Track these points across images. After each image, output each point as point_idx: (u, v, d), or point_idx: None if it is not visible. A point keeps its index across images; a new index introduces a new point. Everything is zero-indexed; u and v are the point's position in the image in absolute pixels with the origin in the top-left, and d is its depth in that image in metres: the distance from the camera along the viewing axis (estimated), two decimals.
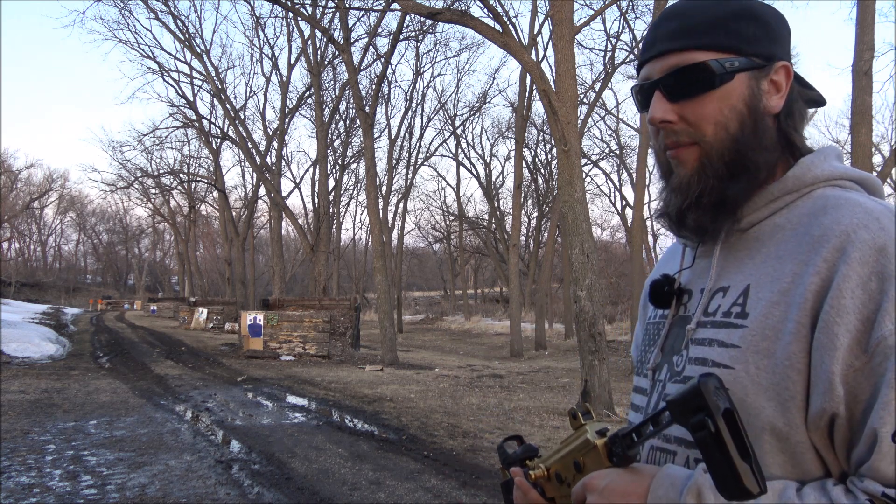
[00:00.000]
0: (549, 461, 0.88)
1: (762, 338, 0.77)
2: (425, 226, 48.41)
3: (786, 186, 0.84)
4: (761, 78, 0.85)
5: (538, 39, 22.46)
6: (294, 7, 17.92)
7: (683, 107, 0.84)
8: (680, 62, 0.84)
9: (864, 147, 10.36)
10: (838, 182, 0.85)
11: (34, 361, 14.47)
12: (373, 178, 18.16)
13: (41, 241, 72.05)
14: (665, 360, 0.90)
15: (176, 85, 42.35)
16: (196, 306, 31.80)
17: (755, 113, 0.84)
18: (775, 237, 0.83)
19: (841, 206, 0.78)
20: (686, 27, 0.85)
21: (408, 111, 33.98)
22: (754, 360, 0.76)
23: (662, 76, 0.86)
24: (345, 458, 6.21)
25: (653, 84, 0.87)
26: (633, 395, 0.98)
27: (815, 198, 0.83)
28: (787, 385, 0.74)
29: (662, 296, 0.94)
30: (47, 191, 63.44)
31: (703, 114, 0.84)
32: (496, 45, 10.19)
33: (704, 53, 0.84)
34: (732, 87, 0.84)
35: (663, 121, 0.85)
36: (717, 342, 0.81)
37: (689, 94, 0.84)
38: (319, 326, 17.03)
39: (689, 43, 0.85)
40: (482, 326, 37.28)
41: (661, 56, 0.86)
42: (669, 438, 0.85)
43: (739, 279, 0.83)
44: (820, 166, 0.85)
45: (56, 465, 5.79)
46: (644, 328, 1.03)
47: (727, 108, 0.83)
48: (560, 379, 14.15)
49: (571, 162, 9.16)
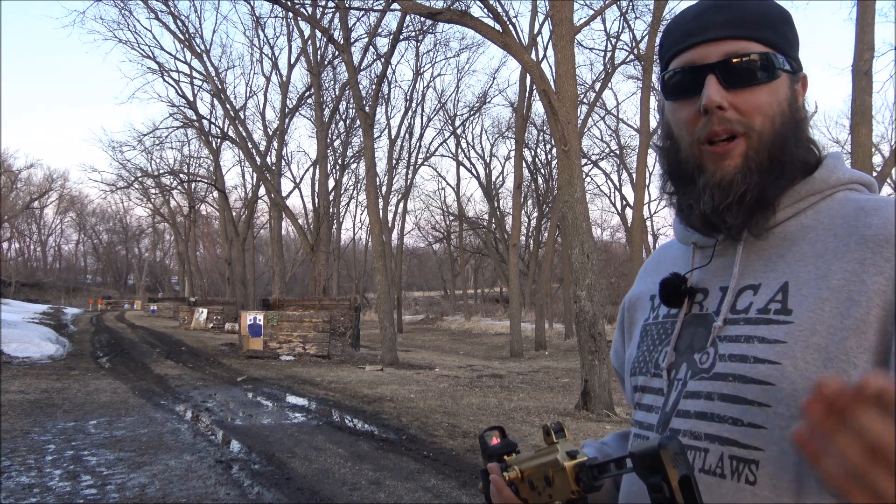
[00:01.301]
0: (523, 464, 0.90)
1: (812, 332, 0.77)
2: (425, 226, 48.46)
3: (812, 188, 0.86)
4: (795, 82, 0.88)
5: (538, 39, 22.48)
6: (294, 7, 17.92)
7: (737, 96, 0.84)
8: (740, 49, 0.84)
9: (864, 147, 10.36)
10: (854, 186, 0.88)
11: (34, 361, 14.47)
12: (373, 178, 18.16)
13: (41, 241, 72.11)
14: (683, 359, 0.90)
15: (176, 85, 42.41)
16: (196, 306, 31.80)
17: (795, 113, 0.87)
18: (808, 237, 0.84)
19: (884, 208, 0.80)
20: (743, 17, 0.86)
21: (408, 111, 34.03)
22: (803, 356, 0.77)
23: (720, 60, 0.85)
24: (345, 458, 6.21)
25: (707, 67, 0.85)
26: (641, 395, 0.96)
27: (839, 200, 0.86)
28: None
29: (678, 295, 0.93)
30: (47, 191, 63.50)
31: (756, 104, 0.84)
32: (496, 45, 10.19)
33: (761, 46, 0.85)
34: (780, 85, 0.86)
35: (718, 105, 0.83)
36: (756, 338, 0.81)
37: (748, 83, 0.84)
38: (319, 326, 17.03)
39: (748, 33, 0.85)
40: (482, 326, 37.30)
41: (717, 41, 0.86)
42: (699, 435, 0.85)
43: (773, 277, 0.84)
44: (840, 170, 0.87)
45: (56, 465, 5.79)
46: (640, 329, 1.02)
47: (776, 104, 0.85)
48: (560, 379, 14.15)
49: (571, 162, 9.16)
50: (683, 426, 0.85)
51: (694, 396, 0.85)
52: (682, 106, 0.89)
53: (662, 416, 0.89)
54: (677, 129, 0.90)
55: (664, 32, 0.95)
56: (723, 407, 0.81)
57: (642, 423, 0.94)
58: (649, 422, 0.92)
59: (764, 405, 0.78)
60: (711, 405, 0.82)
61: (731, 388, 0.81)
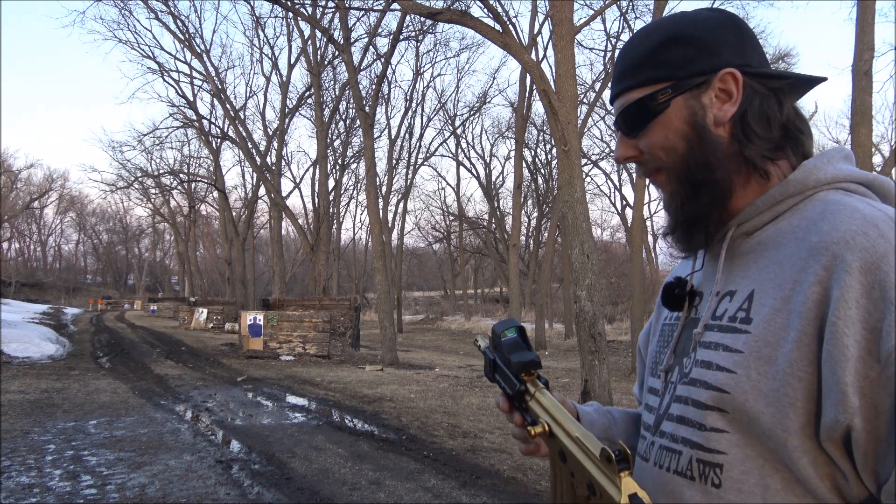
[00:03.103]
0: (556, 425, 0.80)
1: (764, 344, 0.77)
2: (425, 226, 48.43)
3: (787, 190, 0.84)
4: (701, 94, 0.86)
5: (538, 39, 22.48)
6: (294, 7, 17.91)
7: (639, 140, 0.91)
8: (624, 103, 0.92)
9: (864, 147, 10.36)
10: (843, 185, 0.84)
11: (34, 361, 14.47)
12: (373, 178, 18.16)
13: (41, 241, 72.08)
14: (676, 362, 0.92)
15: (176, 85, 42.42)
16: (196, 306, 31.79)
17: (699, 129, 0.87)
18: (778, 242, 0.83)
19: (838, 213, 0.78)
20: (624, 70, 0.92)
21: (408, 111, 34.03)
22: (756, 366, 0.77)
23: (616, 117, 0.94)
24: (345, 458, 6.21)
25: (615, 125, 0.95)
26: (647, 396, 1.00)
27: (816, 202, 0.83)
28: (788, 391, 0.74)
29: (674, 298, 0.96)
30: (47, 191, 63.49)
31: (652, 143, 0.90)
32: (496, 45, 10.18)
33: (640, 91, 0.90)
34: (672, 113, 0.88)
35: (626, 158, 0.93)
36: (722, 346, 0.82)
37: (637, 129, 0.91)
38: (319, 326, 17.03)
39: (627, 84, 0.91)
40: (482, 326, 37.27)
41: (614, 99, 0.95)
42: (676, 438, 0.86)
43: (745, 284, 0.84)
44: (823, 169, 0.84)
45: (56, 465, 5.79)
46: (660, 328, 1.04)
47: (671, 133, 0.88)
48: (560, 379, 14.14)
49: (571, 162, 9.16)
50: (668, 429, 0.88)
51: (678, 400, 0.88)
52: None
53: (657, 418, 0.92)
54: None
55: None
56: (693, 412, 0.84)
57: (645, 423, 0.97)
58: (649, 422, 0.95)
59: (723, 411, 0.79)
60: (686, 409, 0.85)
61: (698, 393, 0.83)
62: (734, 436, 0.78)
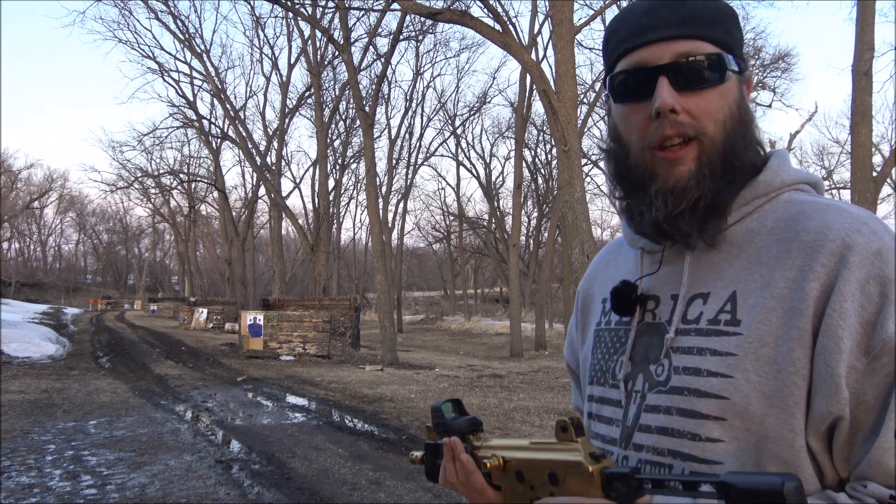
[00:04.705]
0: (506, 453, 0.83)
1: (761, 344, 0.76)
2: (425, 226, 48.42)
3: (756, 191, 0.84)
4: (742, 83, 0.85)
5: (538, 39, 22.47)
6: (294, 7, 17.92)
7: (688, 99, 0.80)
8: (691, 50, 0.80)
9: (864, 147, 10.37)
10: (800, 186, 0.86)
11: (34, 361, 14.47)
12: (373, 178, 18.16)
13: (41, 241, 72.09)
14: (639, 370, 0.87)
15: (176, 85, 42.22)
16: (196, 306, 31.80)
17: (744, 115, 0.83)
18: (753, 243, 0.82)
19: (824, 211, 0.79)
20: (694, 15, 0.81)
21: (408, 111, 34.01)
22: (755, 368, 0.76)
23: (672, 62, 0.80)
24: (345, 458, 6.21)
25: (658, 69, 0.80)
26: (600, 407, 0.93)
27: (783, 202, 0.83)
28: (793, 391, 0.73)
29: (629, 303, 0.89)
30: (47, 191, 63.48)
31: (707, 108, 0.80)
32: (496, 45, 10.19)
33: (711, 46, 0.81)
34: (730, 87, 0.82)
35: (673, 109, 0.79)
36: (709, 350, 0.79)
37: (699, 86, 0.80)
38: (319, 326, 17.03)
39: (699, 32, 0.80)
40: (482, 326, 37.29)
41: (667, 41, 0.80)
42: (661, 451, 0.81)
43: (721, 285, 0.82)
44: (786, 171, 0.85)
45: (56, 465, 5.79)
46: (592, 334, 0.99)
47: (726, 107, 0.81)
48: (560, 379, 14.14)
49: (571, 162, 9.16)
50: (646, 441, 0.83)
51: (654, 411, 0.83)
52: (632, 109, 0.84)
53: (624, 431, 0.87)
54: (626, 132, 0.86)
55: (608, 31, 0.89)
56: (681, 422, 0.79)
57: (604, 436, 0.90)
58: (611, 435, 0.89)
59: (720, 419, 0.76)
60: (671, 420, 0.81)
61: (687, 402, 0.79)
62: (730, 444, 0.76)
